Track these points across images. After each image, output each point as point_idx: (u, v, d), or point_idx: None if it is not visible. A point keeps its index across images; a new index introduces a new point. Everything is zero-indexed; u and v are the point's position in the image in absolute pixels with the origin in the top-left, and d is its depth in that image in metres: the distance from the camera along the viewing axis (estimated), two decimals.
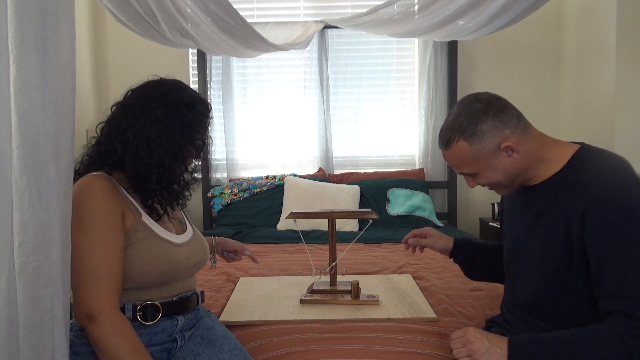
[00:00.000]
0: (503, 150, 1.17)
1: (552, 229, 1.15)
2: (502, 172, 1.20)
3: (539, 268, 1.19)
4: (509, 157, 1.18)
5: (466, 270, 1.56)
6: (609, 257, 1.04)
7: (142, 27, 2.49)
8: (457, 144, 1.19)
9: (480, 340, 1.10)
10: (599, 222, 1.05)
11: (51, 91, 0.87)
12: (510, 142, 1.16)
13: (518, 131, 1.17)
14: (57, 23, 0.88)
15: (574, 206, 1.09)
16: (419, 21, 2.78)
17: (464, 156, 1.20)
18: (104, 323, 1.06)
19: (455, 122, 1.19)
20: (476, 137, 1.17)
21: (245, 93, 3.49)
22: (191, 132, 1.24)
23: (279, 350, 1.34)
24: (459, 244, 1.54)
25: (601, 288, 1.06)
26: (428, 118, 3.42)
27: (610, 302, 1.04)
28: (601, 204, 1.06)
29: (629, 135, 2.76)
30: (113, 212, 1.14)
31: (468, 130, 1.17)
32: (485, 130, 1.16)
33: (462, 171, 1.24)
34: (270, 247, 2.66)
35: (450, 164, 1.26)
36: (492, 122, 1.16)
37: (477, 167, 1.20)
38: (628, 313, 1.01)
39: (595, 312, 1.09)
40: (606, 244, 1.05)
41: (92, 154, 1.25)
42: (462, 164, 1.22)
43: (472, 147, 1.18)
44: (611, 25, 2.78)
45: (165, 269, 1.21)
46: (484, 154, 1.18)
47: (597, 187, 1.08)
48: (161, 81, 1.28)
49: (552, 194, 1.17)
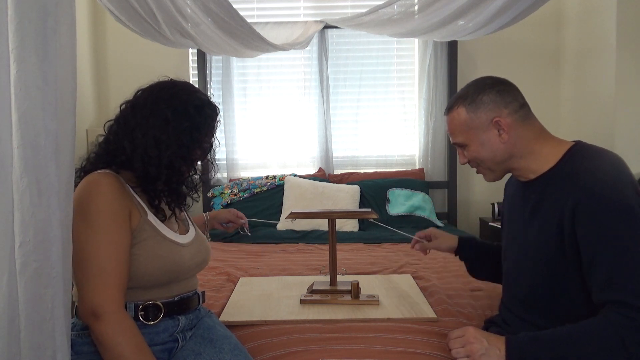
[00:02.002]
0: (494, 126, 1.22)
1: (547, 222, 1.16)
2: (489, 150, 1.24)
3: (536, 262, 1.20)
4: (498, 136, 1.22)
5: (469, 268, 1.59)
6: (600, 248, 1.05)
7: (142, 27, 2.49)
8: (456, 108, 1.26)
9: (480, 341, 1.10)
10: (590, 214, 1.06)
11: (52, 91, 0.87)
12: (503, 120, 1.21)
13: (516, 116, 1.22)
14: (57, 23, 0.88)
15: (566, 199, 1.11)
16: (419, 21, 2.78)
17: (458, 122, 1.26)
18: (109, 321, 1.06)
19: (463, 90, 1.28)
20: (474, 106, 1.23)
21: (245, 93, 3.49)
22: (199, 134, 1.25)
23: (279, 350, 1.34)
24: (463, 242, 1.58)
25: (594, 279, 1.07)
26: (428, 118, 3.42)
27: (603, 293, 1.05)
28: (592, 196, 1.07)
29: (629, 135, 2.76)
30: (120, 210, 1.14)
31: (470, 97, 1.24)
32: (484, 101, 1.23)
33: (456, 140, 1.29)
34: (270, 247, 2.66)
35: (448, 130, 1.32)
36: (494, 96, 1.22)
37: (467, 137, 1.26)
38: (621, 302, 1.01)
39: (590, 306, 1.09)
40: (597, 235, 1.06)
41: (99, 151, 1.25)
42: (455, 131, 1.28)
43: (468, 114, 1.24)
44: (611, 25, 2.78)
45: (169, 269, 1.21)
46: (476, 124, 1.23)
47: (589, 180, 1.09)
48: (171, 82, 1.28)
49: (546, 188, 1.19)
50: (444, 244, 1.59)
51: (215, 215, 1.73)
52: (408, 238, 1.64)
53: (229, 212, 1.75)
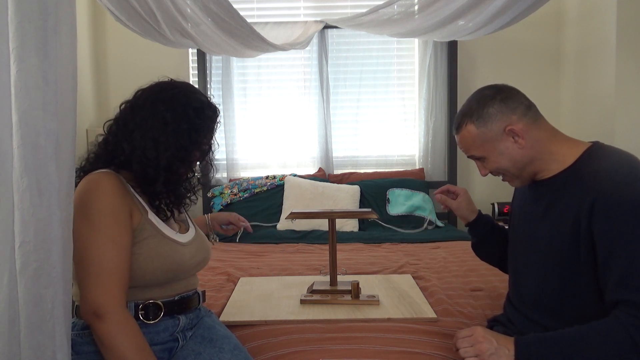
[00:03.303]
0: (508, 134, 1.20)
1: (561, 221, 1.15)
2: (508, 158, 1.22)
3: (546, 261, 1.19)
4: (515, 143, 1.21)
5: (475, 244, 1.57)
6: (616, 247, 1.04)
7: (142, 27, 2.49)
8: (465, 127, 1.25)
9: (489, 341, 1.09)
10: (607, 213, 1.06)
11: (52, 91, 0.87)
12: (515, 126, 1.19)
13: (526, 119, 1.21)
14: (57, 23, 0.88)
15: (583, 198, 1.10)
16: (419, 21, 2.78)
17: (471, 139, 1.24)
18: (110, 321, 1.06)
19: (466, 106, 1.26)
20: (482, 120, 1.22)
21: (245, 93, 3.49)
22: (198, 136, 1.24)
23: (279, 350, 1.35)
24: (480, 217, 1.54)
25: (607, 278, 1.06)
26: (428, 118, 3.42)
27: (616, 292, 1.04)
28: (610, 195, 1.06)
29: (629, 134, 2.76)
30: (121, 209, 1.14)
31: (476, 113, 1.23)
32: (491, 113, 1.21)
33: (471, 154, 1.28)
34: (270, 247, 2.66)
35: (461, 147, 1.30)
36: (499, 106, 1.21)
37: (484, 150, 1.24)
38: (633, 302, 1.01)
39: (600, 307, 1.08)
40: (613, 234, 1.05)
41: (98, 151, 1.25)
42: (469, 147, 1.26)
43: (478, 129, 1.22)
44: (611, 25, 2.78)
45: (170, 268, 1.21)
46: (490, 136, 1.22)
47: (606, 179, 1.08)
48: (171, 83, 1.27)
49: (561, 188, 1.18)
50: (464, 209, 1.54)
51: (215, 217, 1.73)
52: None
53: (230, 215, 1.75)
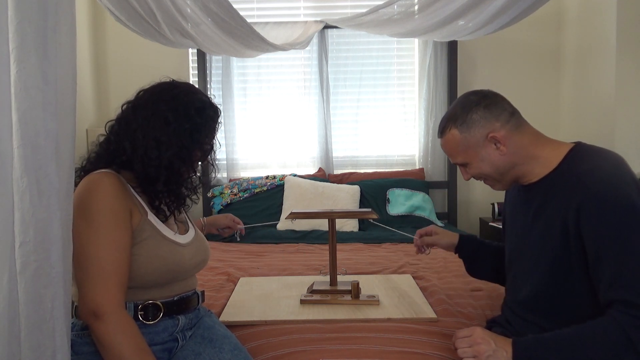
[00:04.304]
0: (490, 141, 1.22)
1: (550, 224, 1.16)
2: (490, 164, 1.24)
3: (539, 265, 1.19)
4: (497, 150, 1.22)
5: (468, 267, 1.58)
6: (606, 247, 1.05)
7: (142, 27, 2.49)
8: (449, 131, 1.26)
9: (488, 342, 1.10)
10: (595, 214, 1.06)
11: (52, 91, 0.87)
12: (497, 134, 1.21)
13: (509, 125, 1.22)
14: (57, 23, 0.88)
15: (570, 200, 1.11)
16: (419, 21, 2.78)
17: (454, 143, 1.26)
18: (109, 321, 1.06)
19: (451, 111, 1.28)
20: (466, 126, 1.23)
21: (245, 93, 3.49)
22: (200, 136, 1.25)
23: (279, 350, 1.35)
24: (463, 240, 1.57)
25: (600, 279, 1.07)
26: (428, 118, 3.42)
27: (609, 292, 1.05)
28: (596, 196, 1.07)
29: (629, 135, 2.76)
30: (121, 210, 1.14)
31: (460, 118, 1.24)
32: (475, 119, 1.22)
33: (455, 160, 1.30)
34: (270, 247, 2.66)
35: (445, 152, 1.32)
36: (483, 113, 1.22)
37: (467, 156, 1.26)
38: (627, 301, 1.01)
39: (596, 307, 1.09)
40: (602, 234, 1.05)
41: (99, 151, 1.25)
42: (453, 152, 1.28)
43: (461, 135, 1.24)
44: (611, 25, 2.78)
45: (169, 269, 1.21)
46: (472, 142, 1.23)
47: (592, 180, 1.09)
48: (173, 84, 1.28)
49: (549, 191, 1.19)
50: (443, 240, 1.58)
51: (213, 221, 1.74)
52: (408, 238, 1.65)
53: (226, 218, 1.77)
